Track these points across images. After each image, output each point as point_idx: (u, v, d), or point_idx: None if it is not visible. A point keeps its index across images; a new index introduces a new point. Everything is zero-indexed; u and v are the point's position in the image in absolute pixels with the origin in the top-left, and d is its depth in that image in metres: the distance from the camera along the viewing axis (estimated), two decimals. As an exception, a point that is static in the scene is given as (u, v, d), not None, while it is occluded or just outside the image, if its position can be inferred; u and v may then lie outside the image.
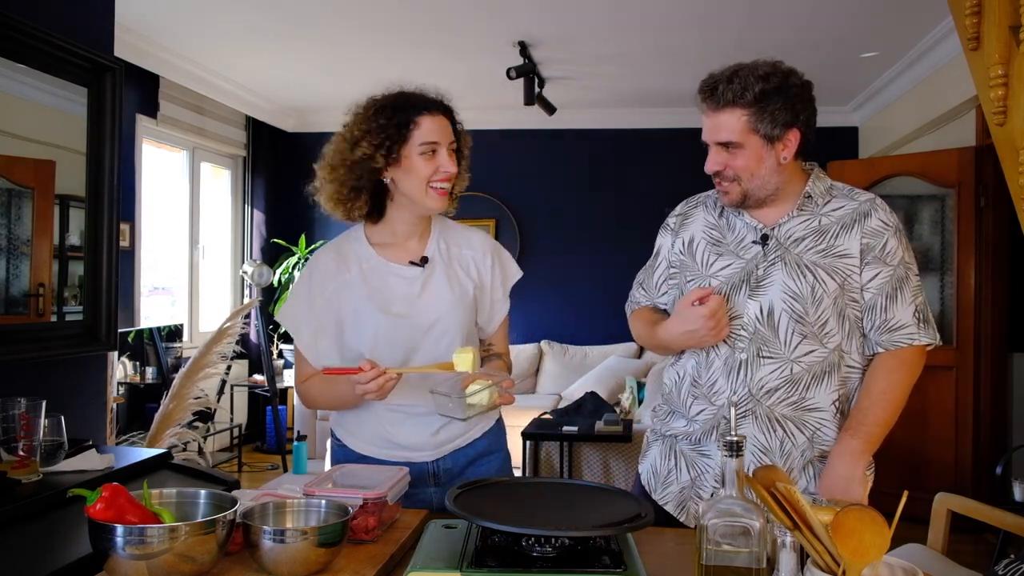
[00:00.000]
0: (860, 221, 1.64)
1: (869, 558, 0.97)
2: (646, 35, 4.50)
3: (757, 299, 1.63)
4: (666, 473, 1.74)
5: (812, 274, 1.61)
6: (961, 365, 4.33)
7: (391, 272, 1.73)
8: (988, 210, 4.28)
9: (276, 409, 5.71)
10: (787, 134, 1.60)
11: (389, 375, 1.55)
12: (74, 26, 2.00)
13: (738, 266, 1.66)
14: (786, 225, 1.66)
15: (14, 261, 1.88)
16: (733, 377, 1.63)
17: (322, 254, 1.81)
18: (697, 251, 1.73)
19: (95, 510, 1.09)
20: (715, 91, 1.59)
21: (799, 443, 1.62)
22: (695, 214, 1.78)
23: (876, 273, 1.62)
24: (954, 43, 4.10)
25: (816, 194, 1.67)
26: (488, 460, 1.80)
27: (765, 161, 1.60)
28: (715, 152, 1.63)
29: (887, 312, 1.61)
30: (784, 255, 1.63)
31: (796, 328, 1.60)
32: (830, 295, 1.60)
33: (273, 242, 6.61)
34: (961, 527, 2.41)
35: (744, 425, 1.62)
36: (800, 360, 1.61)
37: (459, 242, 1.80)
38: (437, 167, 1.66)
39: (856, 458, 1.57)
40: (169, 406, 3.00)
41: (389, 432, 1.74)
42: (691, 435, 1.70)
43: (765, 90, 1.56)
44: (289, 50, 4.88)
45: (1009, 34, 1.94)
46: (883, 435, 1.59)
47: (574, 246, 6.32)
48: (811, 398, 1.61)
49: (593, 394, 4.89)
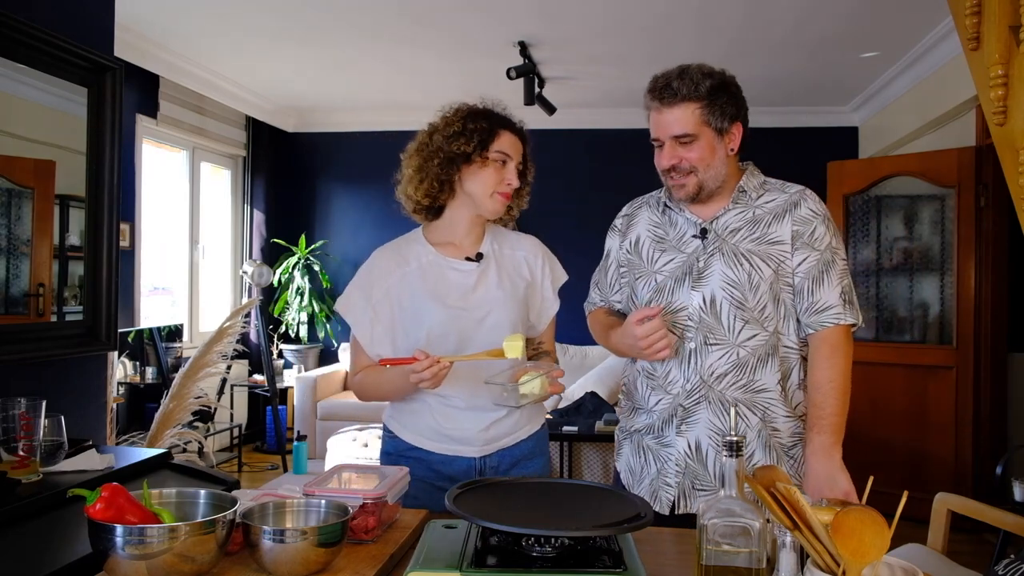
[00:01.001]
0: (791, 210, 1.74)
1: (869, 558, 0.97)
2: (646, 35, 4.49)
3: (700, 290, 1.73)
4: (639, 470, 1.83)
5: (748, 262, 1.71)
6: (961, 365, 4.33)
7: (448, 266, 1.84)
8: (988, 210, 4.28)
9: (276, 409, 5.71)
10: (732, 127, 1.72)
11: (443, 363, 1.63)
12: (74, 26, 2.00)
13: (680, 260, 1.77)
14: (723, 218, 1.76)
15: (14, 261, 1.88)
16: (685, 366, 1.73)
17: (381, 251, 1.90)
18: (643, 249, 1.84)
19: (95, 510, 1.09)
20: (668, 87, 1.70)
21: (753, 423, 1.72)
22: (640, 214, 1.90)
23: (804, 258, 1.71)
24: (954, 43, 4.10)
25: (750, 188, 1.77)
26: (531, 463, 1.87)
27: (717, 152, 1.71)
28: (669, 147, 1.72)
29: (814, 295, 1.71)
30: (722, 246, 1.73)
31: (738, 314, 1.70)
32: (766, 280, 1.70)
33: (273, 242, 6.61)
34: (961, 527, 2.41)
35: (699, 411, 1.72)
36: (744, 344, 1.70)
37: (511, 244, 1.92)
38: (503, 177, 1.80)
39: (829, 451, 1.66)
40: (169, 406, 3.00)
41: (441, 424, 1.81)
42: (652, 426, 1.79)
43: (713, 86, 1.69)
44: (289, 50, 4.88)
45: (1009, 34, 1.93)
46: (843, 421, 1.68)
47: (574, 246, 6.31)
48: (759, 380, 1.71)
49: (593, 394, 4.89)
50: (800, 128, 6.14)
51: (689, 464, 1.72)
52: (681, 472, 1.73)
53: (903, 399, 4.51)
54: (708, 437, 1.71)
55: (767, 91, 5.54)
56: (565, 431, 4.19)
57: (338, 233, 6.73)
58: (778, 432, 1.73)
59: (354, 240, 6.58)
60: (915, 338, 4.72)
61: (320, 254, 6.66)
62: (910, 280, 4.76)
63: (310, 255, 6.58)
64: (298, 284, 6.46)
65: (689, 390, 1.72)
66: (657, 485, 1.77)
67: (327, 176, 6.77)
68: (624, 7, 4.07)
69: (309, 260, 6.56)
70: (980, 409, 4.29)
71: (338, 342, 6.63)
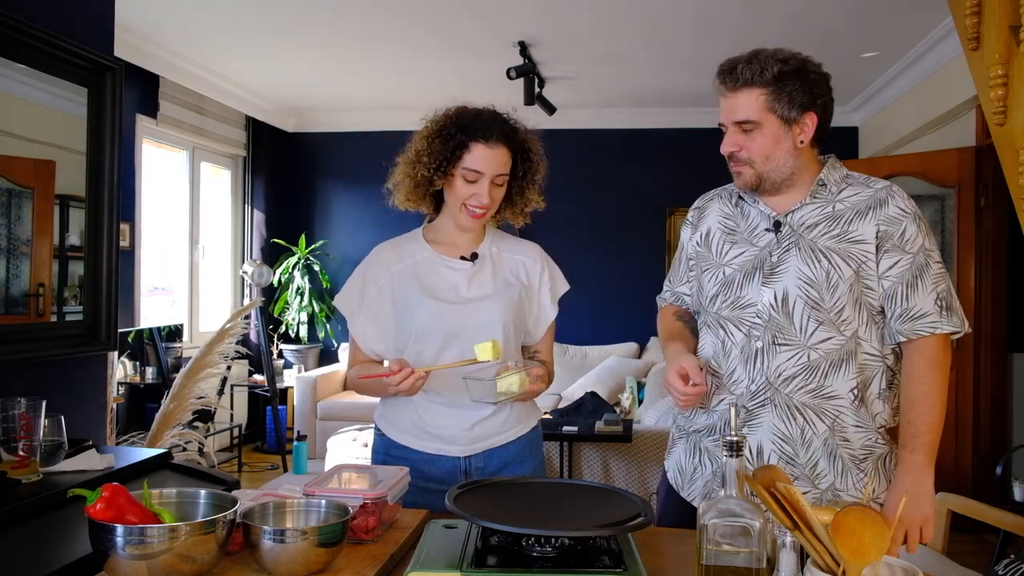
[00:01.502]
0: (876, 208, 1.62)
1: (869, 558, 0.97)
2: (645, 35, 4.49)
3: (771, 286, 1.63)
4: (692, 470, 1.74)
5: (827, 259, 1.60)
6: (961, 365, 4.32)
7: (442, 263, 1.84)
8: (988, 210, 4.28)
9: (276, 409, 5.71)
10: (804, 117, 1.61)
11: (418, 374, 1.63)
12: (74, 26, 2.00)
13: (751, 253, 1.67)
14: (799, 212, 1.65)
15: (14, 261, 1.88)
16: (750, 366, 1.63)
17: (380, 248, 1.91)
18: (713, 241, 1.74)
19: (95, 510, 1.09)
20: (734, 70, 1.60)
21: (820, 431, 1.60)
22: (711, 207, 1.80)
23: (895, 261, 1.60)
24: (954, 43, 4.10)
25: (830, 182, 1.66)
26: (522, 466, 1.84)
27: (782, 143, 1.61)
28: (731, 133, 1.63)
29: (908, 300, 1.59)
30: (798, 241, 1.63)
31: (812, 315, 1.59)
32: (845, 281, 1.59)
33: (273, 242, 6.61)
34: (961, 527, 2.41)
35: (764, 414, 1.62)
36: (817, 347, 1.59)
37: (511, 248, 1.91)
38: (472, 194, 1.76)
39: (922, 473, 1.58)
40: (170, 406, 3.00)
41: (425, 421, 1.80)
42: (714, 427, 1.69)
43: (784, 71, 1.58)
44: (289, 50, 4.88)
45: (1009, 34, 1.94)
46: (937, 439, 1.60)
47: (574, 246, 6.32)
48: (829, 386, 1.59)
49: (593, 394, 4.89)
50: (800, 128, 6.14)
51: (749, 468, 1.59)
52: None
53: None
54: (771, 442, 1.61)
55: (767, 91, 5.53)
56: (565, 431, 4.19)
57: (338, 233, 6.73)
58: (848, 443, 1.61)
59: (354, 240, 6.58)
60: (915, 338, 4.72)
61: (320, 254, 6.66)
62: (910, 280, 4.76)
63: (310, 255, 6.58)
64: (298, 284, 6.46)
65: (754, 391, 1.62)
66: (711, 487, 1.67)
67: (327, 176, 6.77)
68: (624, 7, 4.07)
69: (309, 260, 6.56)
70: (980, 409, 4.29)
71: (338, 342, 6.63)
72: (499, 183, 1.79)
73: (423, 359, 1.77)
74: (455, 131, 1.75)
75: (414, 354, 1.78)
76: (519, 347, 1.88)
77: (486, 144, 1.74)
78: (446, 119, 1.78)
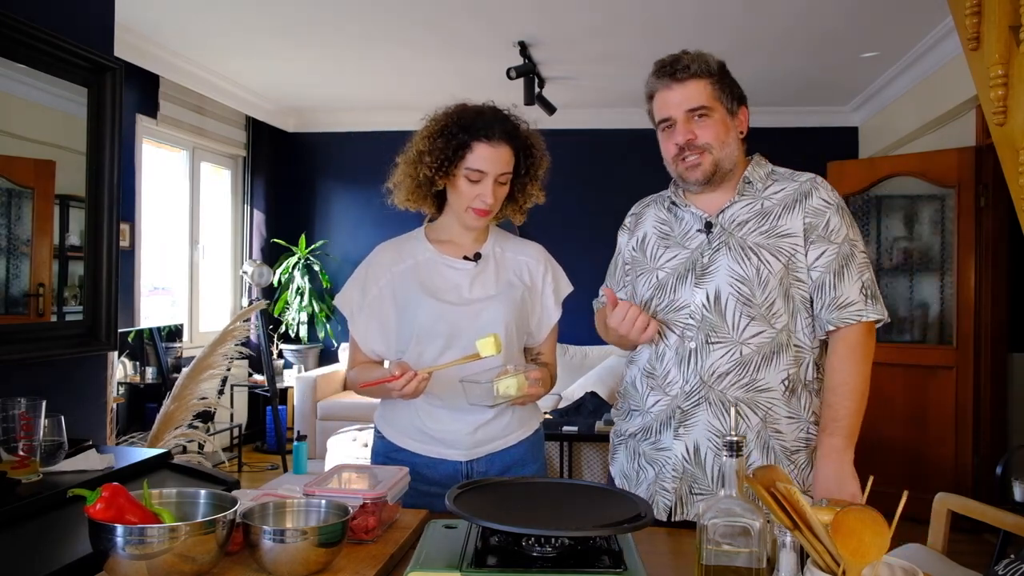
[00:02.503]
0: (801, 200, 1.67)
1: (869, 558, 0.97)
2: (645, 35, 4.49)
3: (703, 286, 1.67)
4: (635, 475, 1.77)
5: (756, 256, 1.65)
6: (961, 365, 4.33)
7: (444, 263, 1.83)
8: (988, 210, 4.28)
9: (276, 409, 5.71)
10: (740, 110, 1.70)
11: (420, 376, 1.61)
12: (74, 26, 2.00)
13: (684, 256, 1.72)
14: (729, 210, 1.70)
15: (14, 261, 1.88)
16: (684, 367, 1.67)
17: (381, 248, 1.90)
18: (648, 246, 1.80)
19: (95, 510, 1.09)
20: (679, 63, 1.66)
21: (753, 424, 1.65)
22: (647, 212, 1.87)
23: (822, 252, 1.65)
24: (954, 43, 4.10)
25: (756, 178, 1.72)
26: (523, 470, 1.83)
27: (731, 131, 1.69)
28: (683, 123, 1.68)
29: (835, 290, 1.63)
30: (728, 240, 1.68)
31: (744, 311, 1.64)
32: (775, 275, 1.64)
33: (273, 242, 6.61)
34: (961, 527, 2.41)
35: (699, 413, 1.66)
36: (749, 342, 1.64)
37: (514, 249, 1.90)
38: (477, 194, 1.75)
39: (840, 455, 1.60)
40: (171, 407, 3.00)
41: (426, 424, 1.79)
42: (649, 429, 1.73)
43: (722, 66, 1.69)
44: (289, 50, 4.88)
45: (1009, 34, 1.93)
46: (858, 424, 1.62)
47: (574, 246, 6.31)
48: (761, 379, 1.64)
49: (593, 394, 4.89)
50: (800, 128, 6.14)
51: (687, 468, 1.66)
52: (679, 476, 1.67)
53: (903, 399, 4.51)
54: (707, 439, 1.65)
55: (767, 91, 5.54)
56: (565, 431, 4.19)
57: (338, 233, 6.73)
58: (780, 434, 1.65)
59: (354, 240, 6.58)
60: (915, 338, 4.72)
61: (320, 254, 6.66)
62: (910, 280, 4.76)
63: (310, 255, 6.58)
64: (298, 284, 6.46)
65: (688, 391, 1.66)
66: (654, 490, 1.71)
67: (327, 176, 6.77)
68: (624, 7, 4.07)
69: (309, 260, 6.56)
70: (980, 409, 4.29)
71: (338, 342, 6.63)
72: (502, 181, 1.78)
73: (424, 360, 1.75)
74: (457, 130, 1.73)
75: (415, 355, 1.77)
76: (521, 349, 1.87)
77: (489, 143, 1.73)
78: (447, 118, 1.77)
